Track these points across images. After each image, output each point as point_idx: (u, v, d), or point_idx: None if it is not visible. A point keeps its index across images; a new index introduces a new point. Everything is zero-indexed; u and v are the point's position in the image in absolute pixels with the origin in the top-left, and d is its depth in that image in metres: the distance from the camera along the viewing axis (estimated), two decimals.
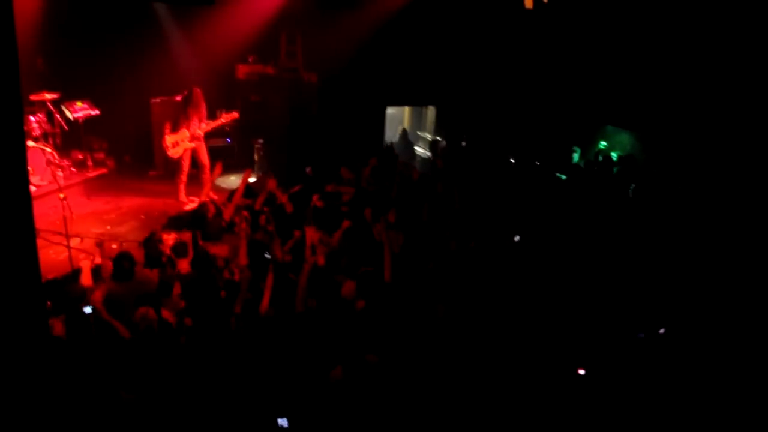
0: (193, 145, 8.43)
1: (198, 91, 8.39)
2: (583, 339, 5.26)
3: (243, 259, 5.47)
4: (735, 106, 8.74)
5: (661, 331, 5.30)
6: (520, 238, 7.09)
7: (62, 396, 3.37)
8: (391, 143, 11.39)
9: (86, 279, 5.02)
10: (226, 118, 8.73)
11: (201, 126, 8.46)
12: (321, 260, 5.47)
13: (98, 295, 4.63)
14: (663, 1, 9.42)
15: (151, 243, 5.69)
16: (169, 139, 8.28)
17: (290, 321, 4.59)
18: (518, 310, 5.43)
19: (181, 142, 8.35)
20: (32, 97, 8.42)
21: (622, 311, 5.67)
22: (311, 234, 5.81)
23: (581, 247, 6.98)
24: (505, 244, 6.95)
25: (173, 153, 8.37)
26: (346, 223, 6.16)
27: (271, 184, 7.07)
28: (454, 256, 6.11)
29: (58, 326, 4.43)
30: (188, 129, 8.34)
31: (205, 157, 8.49)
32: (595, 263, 6.64)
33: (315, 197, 7.11)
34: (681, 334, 5.37)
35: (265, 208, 6.77)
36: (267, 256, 5.30)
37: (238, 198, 6.79)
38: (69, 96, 8.99)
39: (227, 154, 10.15)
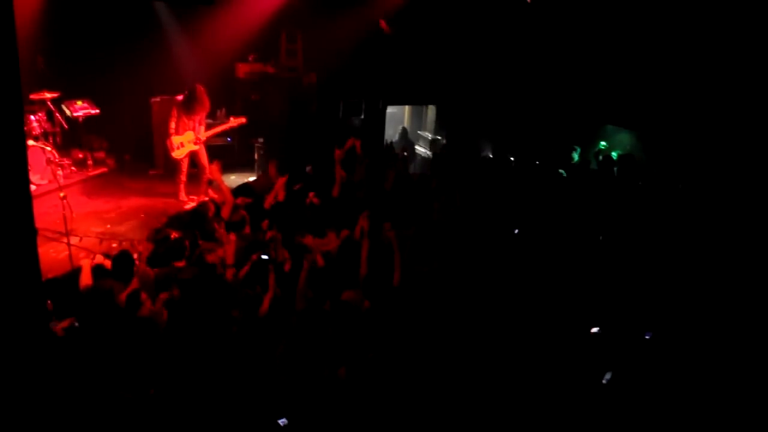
0: (197, 147, 8.43)
1: (201, 89, 8.35)
2: (584, 337, 5.27)
3: (230, 259, 5.46)
4: (735, 105, 8.75)
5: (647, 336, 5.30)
6: (520, 233, 7.10)
7: (62, 395, 3.37)
8: (391, 142, 11.40)
9: (86, 278, 5.01)
10: (233, 122, 8.71)
11: (204, 129, 8.45)
12: (320, 260, 5.46)
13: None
14: (663, 1, 9.43)
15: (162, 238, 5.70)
16: (175, 140, 8.26)
17: (291, 322, 4.58)
18: (519, 307, 5.44)
19: (186, 144, 8.34)
20: (32, 96, 8.41)
21: (622, 310, 5.68)
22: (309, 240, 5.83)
23: (581, 245, 6.98)
24: (506, 242, 6.96)
25: (177, 154, 8.34)
26: (344, 232, 6.12)
27: (281, 182, 7.06)
28: (458, 255, 6.11)
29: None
30: (193, 131, 8.33)
31: (204, 159, 8.47)
32: (594, 261, 6.65)
33: (311, 194, 7.08)
34: (679, 334, 5.38)
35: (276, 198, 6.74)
36: (264, 257, 5.27)
37: (228, 194, 6.75)
38: (69, 95, 8.99)
39: (227, 153, 10.16)
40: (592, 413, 4.46)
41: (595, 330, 5.17)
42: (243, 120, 8.74)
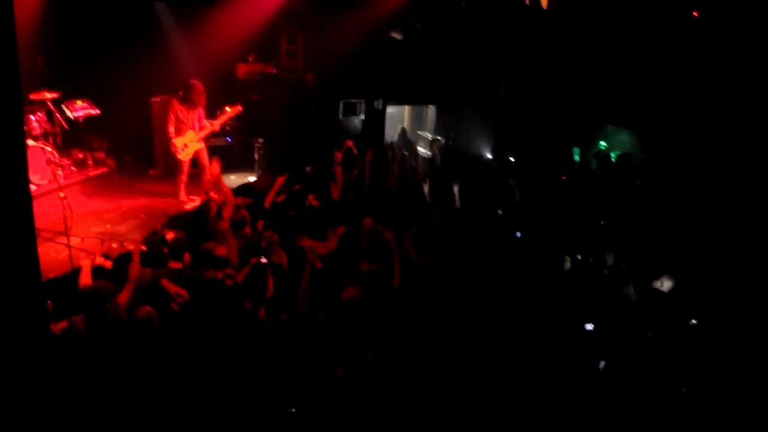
0: (201, 145, 8.41)
1: (199, 84, 8.31)
2: (584, 338, 5.27)
3: (234, 258, 5.46)
4: (734, 105, 8.75)
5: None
6: (522, 235, 7.10)
7: (62, 396, 3.37)
8: (391, 142, 11.41)
9: (86, 278, 5.01)
10: (230, 112, 8.66)
11: (202, 125, 8.44)
12: (318, 264, 5.43)
13: (124, 297, 4.69)
14: (662, 2, 9.44)
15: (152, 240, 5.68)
16: (178, 142, 8.24)
17: (292, 323, 4.58)
18: (518, 308, 5.44)
19: (190, 144, 8.32)
20: (32, 96, 8.40)
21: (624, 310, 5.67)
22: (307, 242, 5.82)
23: (580, 244, 6.97)
24: (506, 242, 6.95)
25: (184, 156, 8.31)
26: (341, 229, 6.11)
27: (280, 181, 7.04)
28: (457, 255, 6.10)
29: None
30: (193, 129, 8.32)
31: (205, 158, 8.45)
32: (594, 260, 6.64)
33: (311, 197, 7.07)
34: (680, 333, 5.38)
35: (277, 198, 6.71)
36: (263, 260, 5.26)
37: (229, 193, 6.75)
38: (69, 95, 8.98)
39: (227, 153, 10.15)
40: (589, 401, 4.47)
41: (589, 327, 5.16)
42: (239, 108, 8.68)
